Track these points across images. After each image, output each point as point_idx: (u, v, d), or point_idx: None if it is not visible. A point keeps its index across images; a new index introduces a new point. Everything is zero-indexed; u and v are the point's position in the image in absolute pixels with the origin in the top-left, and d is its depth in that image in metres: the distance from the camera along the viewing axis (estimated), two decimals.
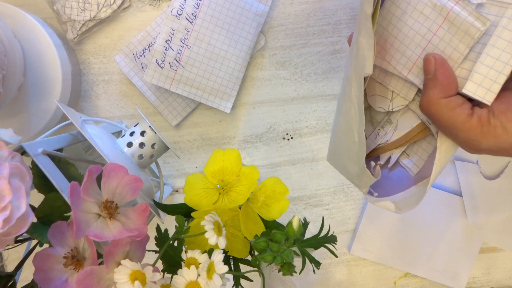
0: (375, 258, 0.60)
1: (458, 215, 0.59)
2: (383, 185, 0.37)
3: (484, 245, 0.60)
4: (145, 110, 0.56)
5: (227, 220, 0.38)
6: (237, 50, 0.53)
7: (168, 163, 0.58)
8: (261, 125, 0.58)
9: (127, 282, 0.27)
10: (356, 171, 0.34)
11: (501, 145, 0.29)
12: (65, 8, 0.52)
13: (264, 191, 0.38)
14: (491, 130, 0.28)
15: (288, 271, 0.35)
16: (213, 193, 0.38)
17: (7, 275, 0.32)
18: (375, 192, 0.36)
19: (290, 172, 0.58)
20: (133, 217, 0.30)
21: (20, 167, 0.28)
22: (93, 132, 0.38)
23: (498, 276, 0.62)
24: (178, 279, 0.30)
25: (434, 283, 0.61)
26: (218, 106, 0.54)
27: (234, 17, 0.52)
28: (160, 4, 0.55)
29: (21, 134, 0.47)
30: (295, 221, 0.34)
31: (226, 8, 0.52)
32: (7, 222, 0.26)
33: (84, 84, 0.56)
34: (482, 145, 0.29)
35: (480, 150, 0.30)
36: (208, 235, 0.31)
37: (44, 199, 0.32)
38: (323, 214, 0.59)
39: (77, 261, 0.30)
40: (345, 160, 0.35)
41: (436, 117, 0.31)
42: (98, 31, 0.55)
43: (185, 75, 0.52)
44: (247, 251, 0.38)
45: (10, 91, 0.44)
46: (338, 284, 0.61)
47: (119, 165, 0.30)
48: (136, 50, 0.54)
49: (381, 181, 0.36)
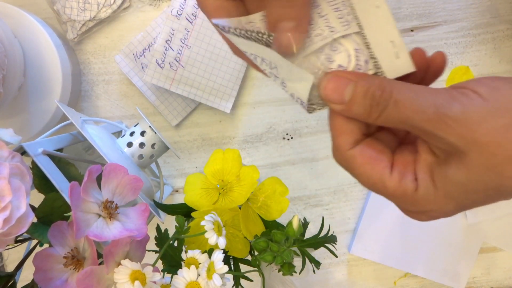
0: (375, 258, 0.60)
1: (458, 215, 0.59)
2: None
3: (484, 245, 0.60)
4: (145, 110, 0.56)
5: (227, 220, 0.38)
6: None
7: (168, 163, 0.58)
8: (261, 125, 0.58)
9: (127, 282, 0.27)
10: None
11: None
12: (65, 8, 0.52)
13: (264, 191, 0.38)
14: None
15: (288, 271, 0.35)
16: (213, 193, 0.38)
17: (7, 275, 0.32)
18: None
19: (290, 172, 0.58)
20: (133, 217, 0.31)
21: (20, 167, 0.28)
22: (93, 132, 0.38)
23: (498, 276, 0.62)
24: (178, 279, 0.30)
25: (434, 283, 0.61)
26: (218, 106, 0.54)
27: None
28: (160, 4, 0.55)
29: (21, 134, 0.47)
30: (295, 221, 0.34)
31: None
32: (7, 222, 0.26)
33: (84, 84, 0.56)
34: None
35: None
36: (208, 235, 0.31)
37: (44, 199, 0.32)
38: (323, 214, 0.59)
39: (77, 261, 0.30)
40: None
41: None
42: (98, 31, 0.55)
43: (185, 75, 0.52)
44: (247, 251, 0.38)
45: (10, 91, 0.44)
46: (338, 284, 0.61)
47: (119, 165, 0.30)
48: (136, 50, 0.54)
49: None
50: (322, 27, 0.23)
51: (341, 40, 0.23)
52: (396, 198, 0.23)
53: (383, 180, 0.22)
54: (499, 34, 0.57)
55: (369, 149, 0.23)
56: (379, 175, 0.23)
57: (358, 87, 0.22)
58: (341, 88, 0.22)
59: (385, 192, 0.23)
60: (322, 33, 0.23)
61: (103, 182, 0.30)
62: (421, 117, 0.20)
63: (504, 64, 0.57)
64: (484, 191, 0.21)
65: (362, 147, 0.23)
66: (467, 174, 0.21)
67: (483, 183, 0.21)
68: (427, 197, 0.22)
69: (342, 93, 0.22)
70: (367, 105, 0.22)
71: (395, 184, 0.22)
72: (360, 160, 0.23)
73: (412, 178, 0.22)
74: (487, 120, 0.20)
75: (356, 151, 0.23)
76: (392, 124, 0.22)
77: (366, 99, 0.22)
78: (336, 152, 0.24)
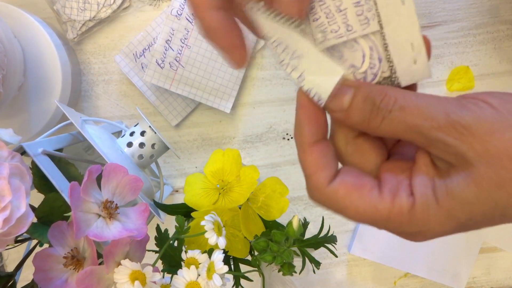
0: (375, 258, 0.60)
1: None
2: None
3: (484, 245, 0.60)
4: (145, 110, 0.56)
5: (227, 220, 0.38)
6: None
7: (168, 163, 0.58)
8: (261, 125, 0.58)
9: (127, 282, 0.27)
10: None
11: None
12: (65, 8, 0.52)
13: (264, 191, 0.38)
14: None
15: (288, 271, 0.35)
16: (213, 193, 0.38)
17: (7, 275, 0.32)
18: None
19: (290, 172, 0.58)
20: (133, 217, 0.30)
21: (20, 167, 0.28)
22: (93, 132, 0.38)
23: (498, 276, 0.62)
24: (178, 279, 0.30)
25: (434, 283, 0.61)
26: (218, 106, 0.54)
27: None
28: (160, 4, 0.55)
29: (21, 134, 0.47)
30: (295, 221, 0.34)
31: None
32: (7, 222, 0.26)
33: (84, 84, 0.56)
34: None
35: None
36: (208, 235, 0.31)
37: (44, 199, 0.32)
38: (323, 214, 0.59)
39: (77, 261, 0.30)
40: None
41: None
42: (98, 31, 0.55)
43: (185, 75, 0.52)
44: (247, 251, 0.38)
45: (10, 91, 0.44)
46: (338, 284, 0.61)
47: (119, 165, 0.30)
48: (136, 50, 0.54)
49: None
50: (339, 23, 0.22)
51: (358, 38, 0.22)
52: (392, 221, 0.20)
53: (373, 204, 0.20)
54: (499, 34, 0.57)
55: (348, 176, 0.21)
56: (368, 201, 0.20)
57: (358, 92, 0.21)
58: (340, 95, 0.21)
59: (379, 217, 0.20)
60: (338, 30, 0.22)
61: (103, 182, 0.30)
62: (431, 124, 0.19)
63: (504, 64, 0.57)
64: (491, 212, 0.19)
65: (341, 177, 0.21)
66: (476, 191, 0.19)
67: (492, 203, 0.19)
68: (427, 215, 0.20)
69: (342, 100, 0.21)
70: (367, 110, 0.20)
71: (388, 204, 0.20)
72: (342, 192, 0.21)
73: (407, 194, 0.20)
74: (500, 131, 0.18)
75: (336, 184, 0.21)
76: (394, 132, 0.20)
77: (366, 105, 0.20)
78: (315, 191, 0.22)
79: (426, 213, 0.19)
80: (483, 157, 0.18)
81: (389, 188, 0.21)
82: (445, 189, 0.19)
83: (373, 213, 0.20)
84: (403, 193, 0.20)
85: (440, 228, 0.20)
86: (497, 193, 0.18)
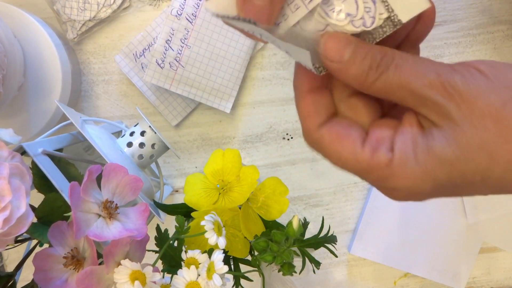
0: (375, 258, 0.60)
1: (458, 215, 0.59)
2: None
3: (484, 245, 0.60)
4: (145, 110, 0.56)
5: (227, 220, 0.38)
6: (237, 50, 0.53)
7: (168, 163, 0.58)
8: (261, 125, 0.58)
9: (127, 282, 0.27)
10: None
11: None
12: (65, 8, 0.52)
13: (264, 191, 0.38)
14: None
15: (288, 271, 0.35)
16: (213, 193, 0.38)
17: (7, 275, 0.32)
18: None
19: (290, 172, 0.58)
20: (133, 217, 0.31)
21: (20, 167, 0.28)
22: (93, 132, 0.38)
23: (498, 276, 0.62)
24: (178, 279, 0.30)
25: (434, 283, 0.61)
26: (218, 106, 0.54)
27: None
28: (160, 4, 0.55)
29: (21, 134, 0.47)
30: (295, 221, 0.34)
31: None
32: (7, 222, 0.26)
33: (84, 84, 0.56)
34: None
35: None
36: (208, 235, 0.31)
37: (44, 199, 0.32)
38: (323, 214, 0.59)
39: (77, 261, 0.30)
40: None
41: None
42: (98, 31, 0.55)
43: (185, 75, 0.52)
44: (247, 251, 0.38)
45: (10, 91, 0.44)
46: (338, 284, 0.61)
47: (119, 165, 0.30)
48: (136, 50, 0.54)
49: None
50: None
51: None
52: (370, 173, 0.21)
53: (354, 153, 0.21)
54: (499, 34, 0.57)
55: (337, 125, 0.22)
56: (349, 149, 0.21)
57: (359, 48, 0.21)
58: (342, 47, 0.21)
59: (358, 167, 0.21)
60: None
61: (103, 182, 0.30)
62: (423, 81, 0.20)
63: None
64: (470, 174, 0.19)
65: (330, 125, 0.22)
66: (457, 150, 0.19)
67: (472, 165, 0.19)
68: (403, 170, 0.20)
69: (342, 52, 0.21)
70: (366, 65, 0.21)
71: (368, 156, 0.21)
72: (328, 137, 0.22)
73: (387, 148, 0.21)
74: (486, 94, 0.19)
75: (323, 130, 0.22)
76: (387, 90, 0.21)
77: (366, 60, 0.21)
78: (306, 134, 0.23)
79: (403, 169, 0.20)
80: (468, 117, 0.19)
81: (372, 141, 0.21)
82: (426, 147, 0.20)
83: (353, 163, 0.21)
84: (383, 147, 0.21)
85: (416, 186, 0.20)
86: (478, 155, 0.19)
